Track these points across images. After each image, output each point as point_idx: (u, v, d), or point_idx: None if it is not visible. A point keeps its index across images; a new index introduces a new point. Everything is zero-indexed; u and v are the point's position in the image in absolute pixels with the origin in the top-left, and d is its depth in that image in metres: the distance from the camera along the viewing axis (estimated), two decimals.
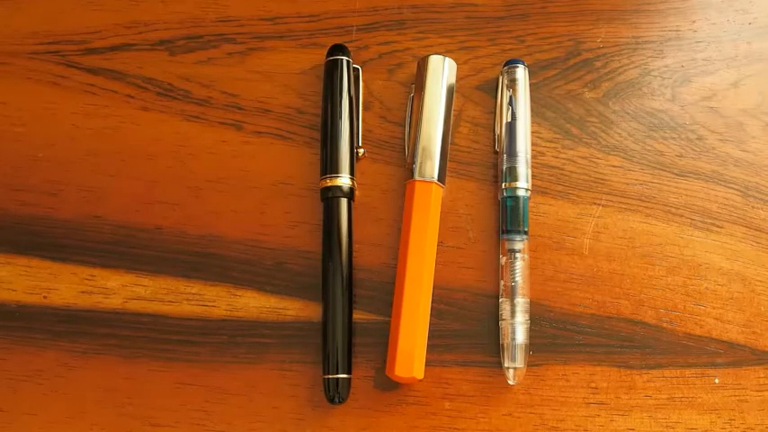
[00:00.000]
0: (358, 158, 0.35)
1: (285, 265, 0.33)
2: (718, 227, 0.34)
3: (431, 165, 0.33)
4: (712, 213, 0.34)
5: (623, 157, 0.35)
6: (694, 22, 0.37)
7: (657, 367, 0.32)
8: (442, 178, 0.33)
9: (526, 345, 0.31)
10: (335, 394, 0.31)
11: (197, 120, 0.36)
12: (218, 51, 0.37)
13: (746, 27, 0.37)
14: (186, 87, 0.37)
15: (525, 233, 0.33)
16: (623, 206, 0.34)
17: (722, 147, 0.35)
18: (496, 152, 0.35)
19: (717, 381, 0.32)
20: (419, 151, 0.33)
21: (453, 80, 0.35)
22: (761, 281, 0.33)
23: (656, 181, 0.35)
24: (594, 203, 0.34)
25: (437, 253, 0.33)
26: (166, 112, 0.36)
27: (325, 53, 0.35)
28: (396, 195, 0.34)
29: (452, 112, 0.35)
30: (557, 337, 0.32)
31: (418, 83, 0.35)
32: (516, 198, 0.33)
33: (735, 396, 0.32)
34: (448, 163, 0.34)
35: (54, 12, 0.38)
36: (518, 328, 0.31)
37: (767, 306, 0.33)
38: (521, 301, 0.32)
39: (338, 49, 0.35)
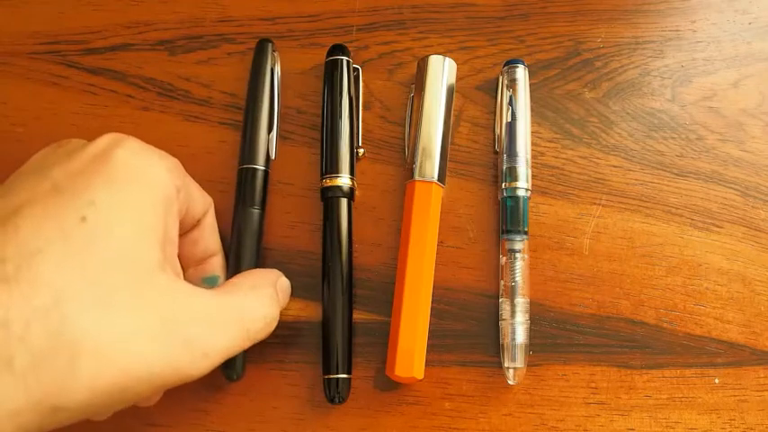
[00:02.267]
0: (358, 158, 0.35)
1: (285, 265, 0.33)
2: (718, 227, 0.34)
3: (431, 165, 0.33)
4: (712, 213, 0.34)
5: (623, 157, 0.35)
6: (694, 22, 0.37)
7: (657, 367, 0.32)
8: (442, 178, 0.33)
9: (526, 345, 0.31)
10: (335, 394, 0.31)
11: (197, 120, 0.36)
12: (218, 51, 0.37)
13: (746, 27, 0.37)
14: (186, 87, 0.37)
15: (525, 233, 0.33)
16: (623, 206, 0.34)
17: (722, 147, 0.35)
18: (496, 152, 0.35)
19: (717, 381, 0.32)
20: (419, 151, 0.33)
21: (453, 80, 0.35)
22: (761, 281, 0.33)
23: (656, 181, 0.35)
24: (594, 203, 0.34)
25: (437, 253, 0.33)
26: (166, 112, 0.36)
27: (326, 53, 0.35)
28: (396, 195, 0.35)
29: (452, 112, 0.35)
30: (557, 337, 0.32)
31: (418, 83, 0.35)
32: (516, 198, 0.33)
33: (735, 396, 0.32)
34: (448, 163, 0.34)
35: (54, 12, 0.38)
36: (518, 328, 0.31)
37: (767, 306, 0.33)
38: (521, 301, 0.32)
39: (338, 49, 0.35)
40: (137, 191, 0.23)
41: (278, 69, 0.36)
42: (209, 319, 0.24)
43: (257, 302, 0.27)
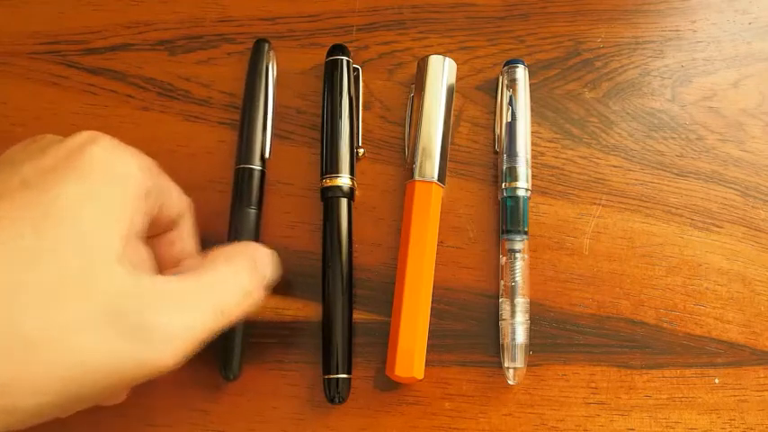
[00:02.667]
0: (358, 158, 0.35)
1: (285, 266, 0.33)
2: (718, 227, 0.34)
3: (431, 165, 0.33)
4: (712, 213, 0.34)
5: (623, 157, 0.35)
6: (694, 22, 0.37)
7: (657, 367, 0.32)
8: (442, 178, 0.33)
9: (526, 345, 0.31)
10: (335, 394, 0.31)
11: (197, 120, 0.36)
12: (217, 51, 0.37)
13: (746, 27, 0.37)
14: (186, 87, 0.37)
15: (525, 233, 0.33)
16: (623, 206, 0.34)
17: (722, 147, 0.35)
18: (496, 152, 0.35)
19: (717, 381, 0.32)
20: (419, 151, 0.33)
21: (453, 80, 0.35)
22: (761, 281, 0.33)
23: (656, 181, 0.35)
24: (594, 203, 0.34)
25: (437, 253, 0.33)
26: (166, 112, 0.36)
27: (326, 53, 0.35)
28: (396, 195, 0.34)
29: (452, 112, 0.35)
30: (557, 337, 0.32)
31: (418, 83, 0.35)
32: (516, 198, 0.33)
33: (735, 396, 0.32)
34: (448, 163, 0.34)
35: (54, 12, 0.38)
36: (518, 328, 0.31)
37: (767, 306, 0.33)
38: (521, 301, 0.32)
39: (338, 49, 0.35)
40: (107, 187, 0.23)
41: (273, 69, 0.36)
42: (170, 303, 0.23)
43: (231, 276, 0.26)
